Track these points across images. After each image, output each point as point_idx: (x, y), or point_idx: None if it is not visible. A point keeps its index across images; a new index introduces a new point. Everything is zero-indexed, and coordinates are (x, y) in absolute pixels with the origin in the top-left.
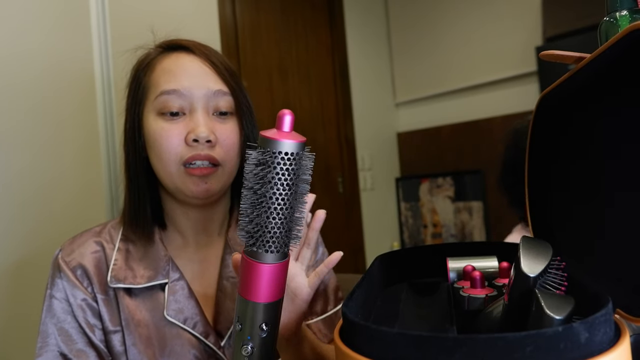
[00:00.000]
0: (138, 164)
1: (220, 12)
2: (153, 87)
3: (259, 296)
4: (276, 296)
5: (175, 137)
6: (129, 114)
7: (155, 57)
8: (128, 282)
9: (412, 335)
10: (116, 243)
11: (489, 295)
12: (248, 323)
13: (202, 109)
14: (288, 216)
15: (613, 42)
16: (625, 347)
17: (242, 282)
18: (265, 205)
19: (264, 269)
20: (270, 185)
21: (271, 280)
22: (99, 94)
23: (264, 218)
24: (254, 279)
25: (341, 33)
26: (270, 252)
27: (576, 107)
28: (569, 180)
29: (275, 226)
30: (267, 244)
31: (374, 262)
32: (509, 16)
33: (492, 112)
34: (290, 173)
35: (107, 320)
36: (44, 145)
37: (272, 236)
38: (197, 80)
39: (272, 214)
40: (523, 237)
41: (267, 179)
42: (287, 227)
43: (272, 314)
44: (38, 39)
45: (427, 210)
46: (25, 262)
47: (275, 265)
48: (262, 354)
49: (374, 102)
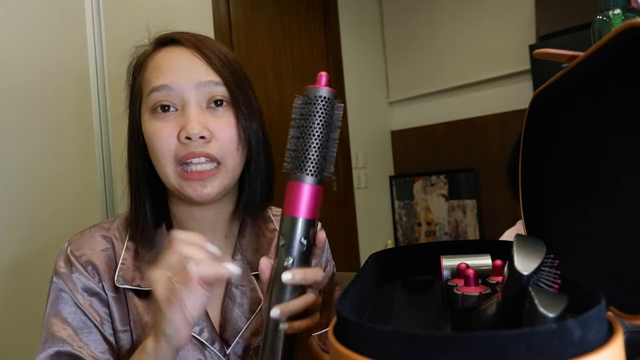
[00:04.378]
0: (140, 166)
1: (215, 10)
2: (145, 85)
3: (300, 212)
4: (313, 215)
5: (168, 136)
6: (129, 116)
7: (148, 54)
8: (136, 284)
9: (406, 333)
10: (125, 242)
11: (483, 293)
12: (290, 237)
13: (194, 103)
14: (324, 146)
15: (606, 41)
16: (618, 345)
17: (286, 202)
18: (307, 135)
19: (304, 188)
20: (311, 119)
21: (310, 199)
22: (94, 94)
23: (306, 146)
24: (296, 197)
25: (335, 32)
26: (310, 175)
27: (570, 106)
28: (563, 178)
29: (315, 152)
30: (308, 167)
31: (368, 260)
32: (502, 14)
33: (486, 110)
34: (326, 112)
35: (116, 319)
36: (39, 147)
37: (311, 160)
38: (185, 73)
39: (312, 142)
40: (517, 235)
41: (309, 114)
42: (323, 155)
43: (309, 231)
44: (32, 41)
45: (421, 208)
46: (24, 262)
47: (313, 186)
48: (300, 267)
49: (368, 101)
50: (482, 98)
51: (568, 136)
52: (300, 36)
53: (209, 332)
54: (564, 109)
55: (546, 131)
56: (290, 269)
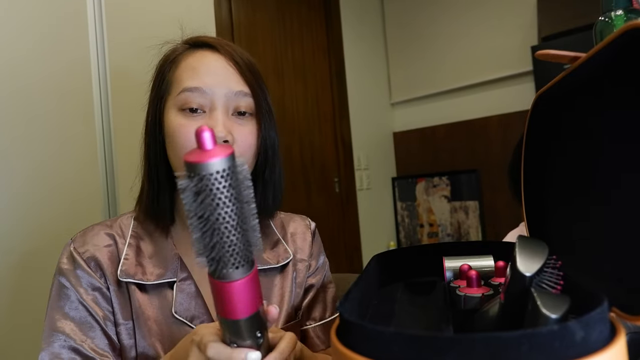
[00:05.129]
0: (158, 156)
1: (217, 11)
2: (176, 83)
3: (241, 312)
4: (258, 304)
5: (193, 134)
6: (151, 108)
7: (181, 53)
8: (138, 278)
9: (408, 335)
10: (127, 238)
11: (485, 295)
12: (242, 338)
13: (221, 108)
14: (242, 230)
15: (609, 42)
16: (620, 346)
17: (219, 304)
18: (215, 228)
19: (235, 287)
20: (212, 208)
21: (247, 293)
22: (96, 96)
23: (219, 241)
24: (230, 299)
25: (337, 33)
26: (236, 268)
27: (572, 106)
28: (564, 179)
29: (233, 244)
30: (230, 263)
31: (371, 261)
32: (504, 15)
33: (488, 111)
34: (228, 189)
35: (118, 312)
36: (42, 149)
37: (232, 254)
38: (219, 80)
39: (225, 234)
40: (519, 236)
41: (208, 202)
42: (245, 240)
43: (261, 320)
44: (34, 42)
45: (423, 209)
46: (28, 261)
47: (246, 278)
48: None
49: (370, 102)
50: (484, 99)
51: (570, 137)
52: (302, 37)
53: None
54: (566, 109)
55: (548, 132)
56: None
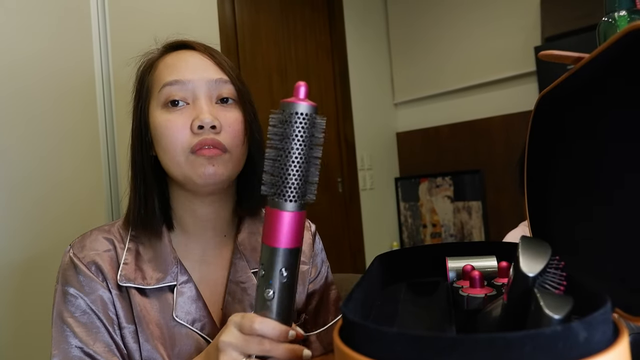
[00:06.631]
0: (145, 161)
1: (220, 12)
2: (156, 82)
3: (279, 242)
4: (294, 243)
5: (181, 127)
6: (135, 113)
7: (158, 57)
8: (138, 283)
9: (411, 335)
10: (126, 243)
11: (488, 295)
12: (270, 268)
13: (204, 96)
14: (304, 168)
15: (612, 42)
16: (624, 347)
17: (265, 230)
18: (285, 158)
19: (284, 216)
20: (289, 140)
21: (290, 227)
22: (99, 98)
23: (284, 170)
24: (275, 226)
25: (340, 33)
26: (290, 201)
27: (575, 107)
28: (568, 179)
29: (294, 176)
30: (287, 193)
31: (374, 262)
32: (507, 16)
33: (491, 112)
34: (306, 130)
35: (121, 316)
36: (45, 150)
37: (291, 185)
38: (198, 70)
39: (290, 166)
40: (522, 236)
41: (287, 134)
42: (304, 179)
43: (291, 261)
44: (38, 45)
45: (426, 210)
46: (31, 263)
47: (294, 213)
48: (282, 298)
49: (373, 102)
50: (488, 100)
51: (573, 137)
52: (305, 38)
53: (210, 328)
54: (569, 110)
55: (551, 132)
56: (271, 300)
